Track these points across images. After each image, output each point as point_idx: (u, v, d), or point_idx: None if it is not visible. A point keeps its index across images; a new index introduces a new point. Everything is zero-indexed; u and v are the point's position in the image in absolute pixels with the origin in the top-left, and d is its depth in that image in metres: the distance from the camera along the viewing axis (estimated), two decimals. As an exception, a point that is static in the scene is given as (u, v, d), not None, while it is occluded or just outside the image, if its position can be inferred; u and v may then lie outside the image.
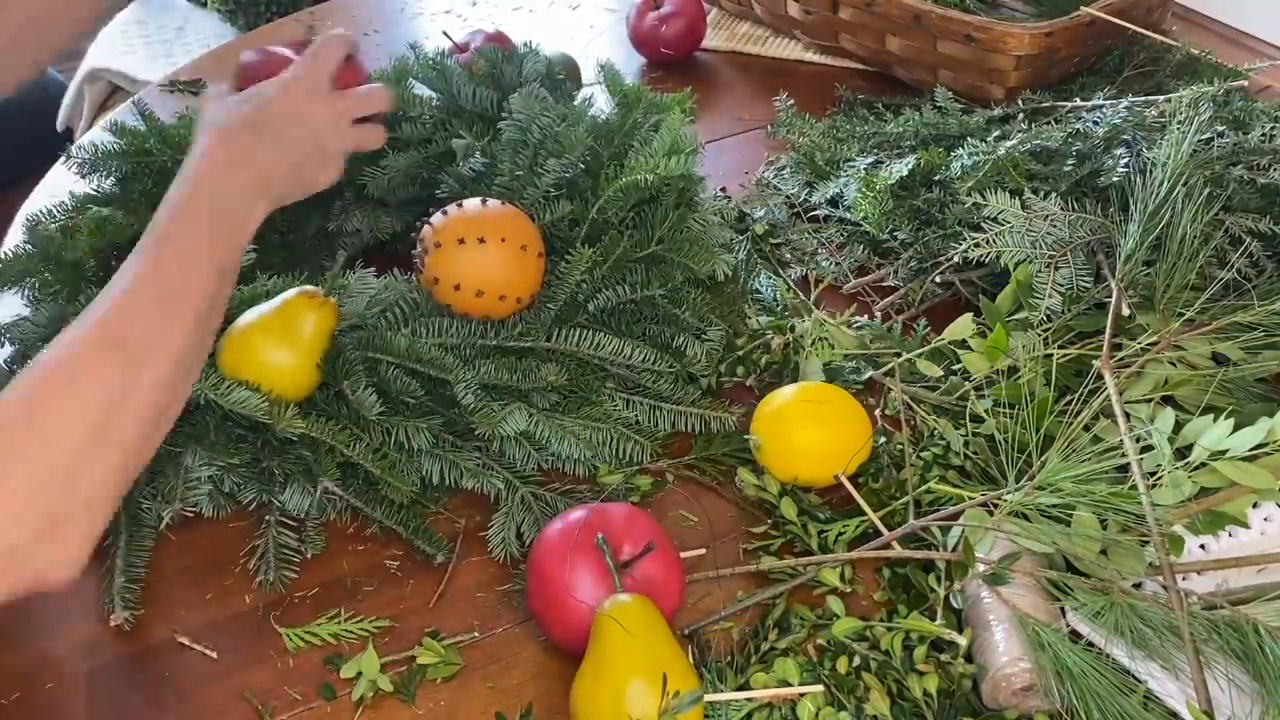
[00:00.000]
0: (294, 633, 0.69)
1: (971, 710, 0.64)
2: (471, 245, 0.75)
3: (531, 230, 0.79)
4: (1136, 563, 0.66)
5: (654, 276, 0.82)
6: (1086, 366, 0.77)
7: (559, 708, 0.65)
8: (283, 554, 0.73)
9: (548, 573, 0.65)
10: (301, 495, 0.73)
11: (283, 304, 0.75)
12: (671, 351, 0.82)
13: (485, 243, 0.76)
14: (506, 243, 0.76)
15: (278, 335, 0.74)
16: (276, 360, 0.73)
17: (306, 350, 0.74)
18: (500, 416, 0.74)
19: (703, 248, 0.84)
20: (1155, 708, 0.61)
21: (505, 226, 0.77)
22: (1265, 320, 0.77)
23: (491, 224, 0.77)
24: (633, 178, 0.82)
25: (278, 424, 0.71)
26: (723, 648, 0.68)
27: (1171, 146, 0.85)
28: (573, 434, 0.76)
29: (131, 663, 0.68)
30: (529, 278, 0.78)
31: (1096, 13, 1.11)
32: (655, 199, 0.85)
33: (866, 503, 0.73)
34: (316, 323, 0.75)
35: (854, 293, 0.96)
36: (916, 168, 0.96)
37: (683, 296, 0.84)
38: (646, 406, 0.80)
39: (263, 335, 0.74)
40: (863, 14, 1.22)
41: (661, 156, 0.83)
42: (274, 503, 0.74)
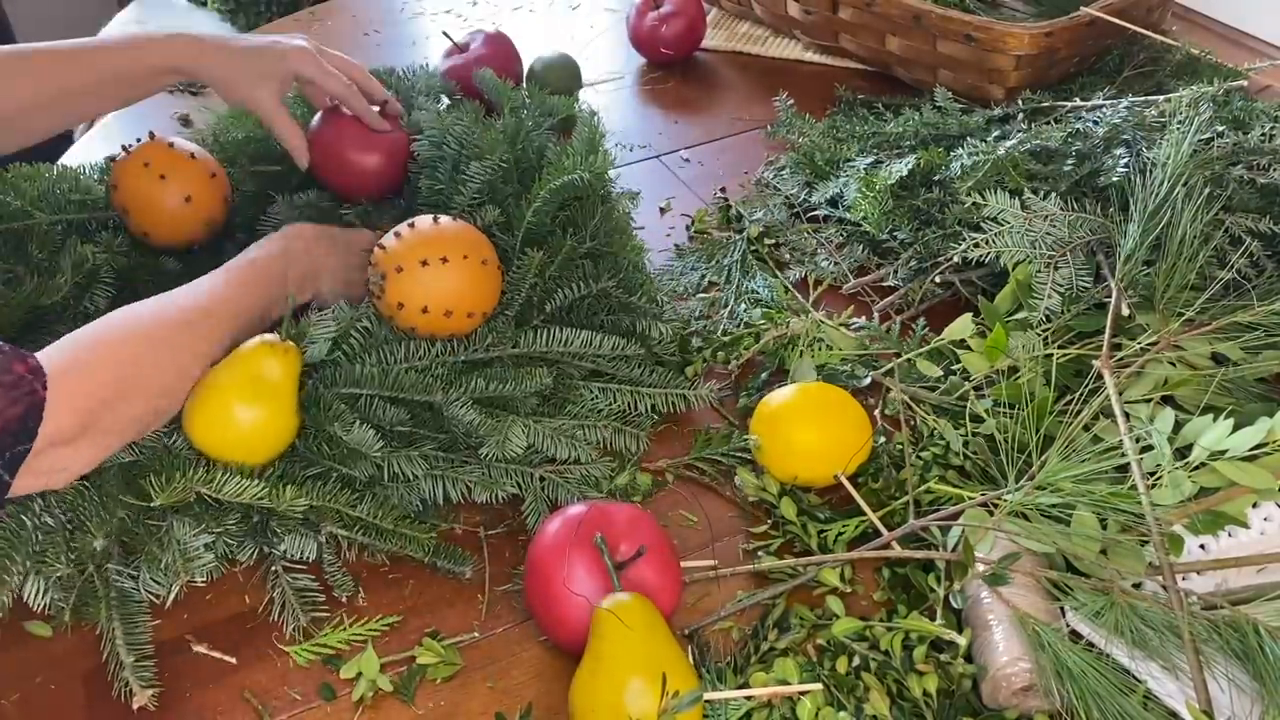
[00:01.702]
0: (301, 650, 0.68)
1: (971, 710, 0.64)
2: (434, 265, 0.74)
3: (485, 243, 0.79)
4: (1136, 563, 0.66)
5: (602, 269, 0.83)
6: (1086, 366, 0.77)
7: (559, 708, 0.65)
8: (304, 596, 0.70)
9: (546, 571, 0.65)
10: (303, 542, 0.71)
11: (244, 359, 0.71)
12: (636, 336, 0.82)
13: (448, 261, 0.75)
14: (468, 259, 0.76)
15: (249, 393, 0.70)
16: (254, 419, 0.70)
17: (282, 401, 0.71)
18: (504, 432, 0.73)
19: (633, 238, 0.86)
20: (1155, 708, 0.61)
21: (463, 243, 0.76)
22: (1265, 320, 0.77)
23: (450, 242, 0.76)
24: (568, 177, 0.82)
25: (280, 506, 0.69)
26: (723, 648, 0.68)
27: (1171, 146, 0.85)
28: (568, 436, 0.76)
29: (131, 663, 0.68)
30: (491, 290, 0.78)
31: (1096, 13, 1.11)
32: (580, 197, 0.86)
33: (866, 503, 0.73)
34: (284, 370, 0.71)
35: (854, 293, 0.96)
36: (916, 168, 0.96)
37: (634, 283, 0.84)
38: (627, 393, 0.80)
39: (233, 396, 0.70)
40: (863, 14, 1.22)
41: (587, 154, 0.84)
42: (274, 553, 0.71)
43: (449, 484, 0.74)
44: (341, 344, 0.77)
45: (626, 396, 0.80)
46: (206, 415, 0.70)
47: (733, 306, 0.94)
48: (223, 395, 0.70)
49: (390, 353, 0.76)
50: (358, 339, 0.77)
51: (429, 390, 0.74)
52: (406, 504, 0.74)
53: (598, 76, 1.33)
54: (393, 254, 0.75)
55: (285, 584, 0.70)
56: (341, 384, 0.75)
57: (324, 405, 0.73)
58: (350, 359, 0.76)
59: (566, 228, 0.85)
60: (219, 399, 0.70)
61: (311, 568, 0.71)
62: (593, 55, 1.37)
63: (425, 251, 0.75)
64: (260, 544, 0.71)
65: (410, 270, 0.75)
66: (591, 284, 0.82)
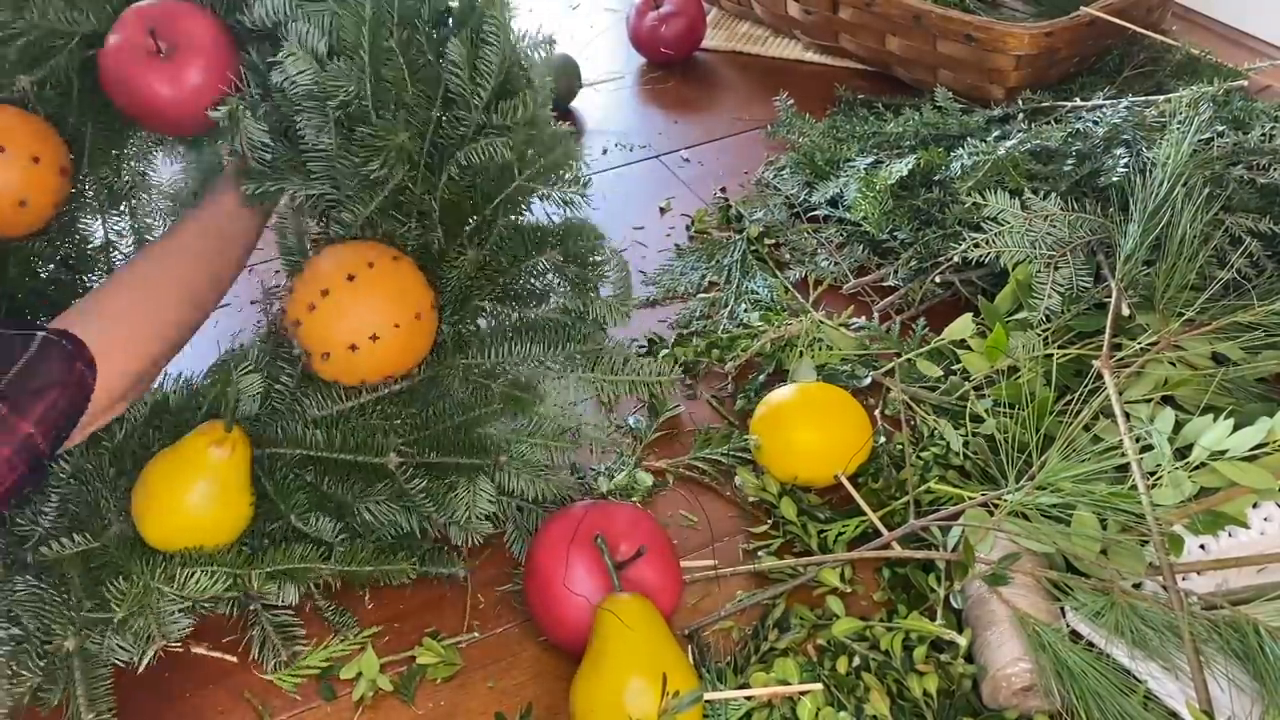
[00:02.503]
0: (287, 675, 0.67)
1: (971, 710, 0.64)
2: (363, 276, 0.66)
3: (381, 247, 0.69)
4: (1136, 563, 0.66)
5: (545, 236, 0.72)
6: (1086, 366, 0.77)
7: (559, 708, 0.65)
8: (284, 631, 0.68)
9: (546, 571, 0.65)
10: (284, 590, 0.68)
11: (189, 455, 0.66)
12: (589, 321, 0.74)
13: (373, 266, 0.66)
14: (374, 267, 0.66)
15: (203, 493, 0.65)
16: (211, 518, 0.66)
17: (236, 494, 0.67)
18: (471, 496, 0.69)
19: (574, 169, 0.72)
20: (1155, 708, 0.61)
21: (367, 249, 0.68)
22: (1265, 320, 0.77)
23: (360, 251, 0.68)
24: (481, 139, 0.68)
25: (252, 590, 0.67)
26: (723, 648, 0.68)
27: (1171, 146, 0.85)
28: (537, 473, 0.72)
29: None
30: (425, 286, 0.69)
31: (1096, 13, 1.11)
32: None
33: (866, 503, 0.73)
34: (236, 461, 0.66)
35: (854, 293, 0.96)
36: (916, 168, 0.96)
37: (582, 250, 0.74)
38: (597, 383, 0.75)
39: (186, 496, 0.65)
40: (863, 14, 1.22)
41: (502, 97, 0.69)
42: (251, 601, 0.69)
43: (424, 522, 0.71)
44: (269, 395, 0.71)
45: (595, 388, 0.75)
46: (156, 516, 0.66)
47: (733, 307, 0.94)
48: (170, 496, 0.66)
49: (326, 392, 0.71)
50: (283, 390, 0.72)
51: (380, 450, 0.69)
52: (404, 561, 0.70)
53: (598, 76, 1.33)
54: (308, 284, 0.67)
55: (265, 620, 0.68)
56: (285, 444, 0.70)
57: (281, 489, 0.69)
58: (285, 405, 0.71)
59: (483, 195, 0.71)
60: (166, 499, 0.66)
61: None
62: (593, 55, 1.37)
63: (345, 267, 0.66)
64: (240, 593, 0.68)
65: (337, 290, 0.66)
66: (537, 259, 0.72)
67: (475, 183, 0.71)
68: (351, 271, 0.66)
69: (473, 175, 0.70)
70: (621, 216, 0.83)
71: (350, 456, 0.69)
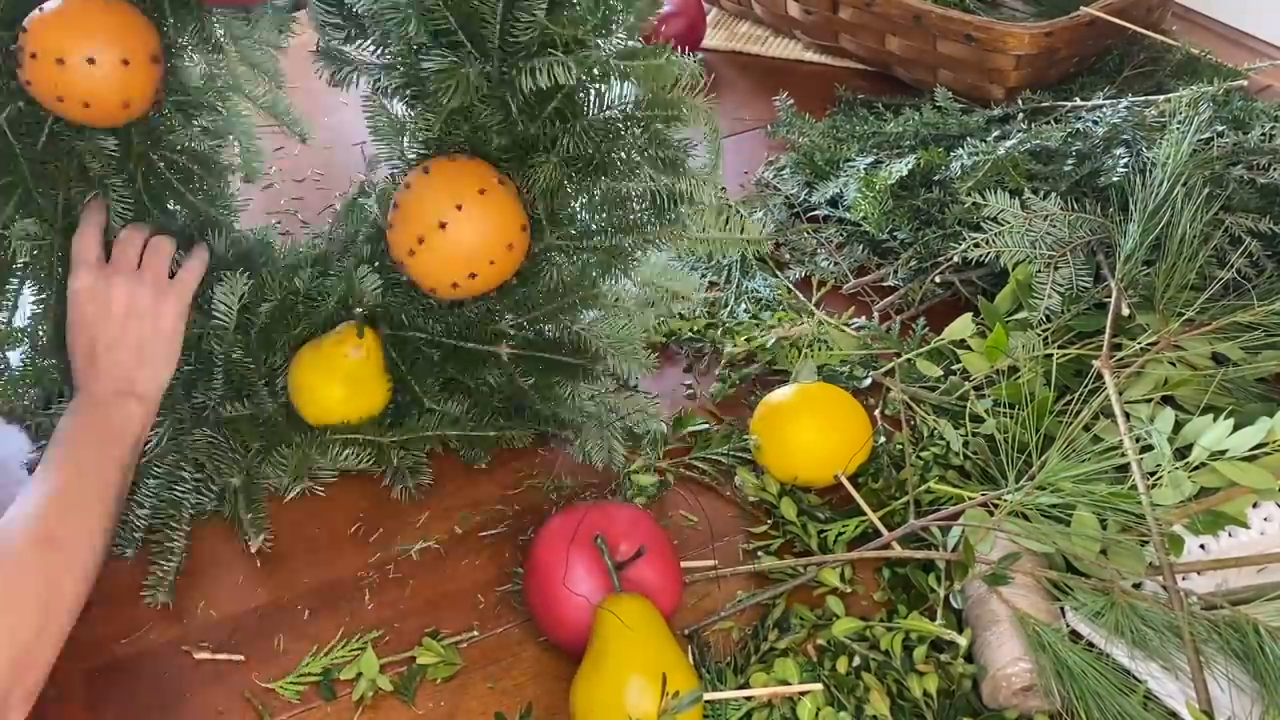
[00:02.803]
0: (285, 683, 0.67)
1: (971, 710, 0.64)
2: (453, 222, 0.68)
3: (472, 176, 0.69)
4: (1136, 563, 0.66)
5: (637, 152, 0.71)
6: (1086, 366, 0.77)
7: (559, 708, 0.65)
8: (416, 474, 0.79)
9: (547, 570, 0.65)
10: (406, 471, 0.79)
11: (329, 355, 0.77)
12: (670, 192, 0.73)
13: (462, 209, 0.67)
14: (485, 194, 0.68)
15: (344, 386, 0.77)
16: (354, 404, 0.77)
17: (373, 384, 0.78)
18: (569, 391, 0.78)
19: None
20: (1155, 708, 0.61)
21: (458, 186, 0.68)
22: (1265, 320, 0.77)
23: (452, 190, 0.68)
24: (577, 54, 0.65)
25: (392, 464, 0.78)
26: (723, 648, 0.68)
27: (1171, 146, 0.85)
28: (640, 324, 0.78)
29: (131, 663, 0.68)
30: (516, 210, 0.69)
31: (1096, 13, 1.11)
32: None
33: (866, 503, 0.73)
34: (370, 359, 0.77)
35: (854, 293, 0.96)
36: (916, 168, 0.96)
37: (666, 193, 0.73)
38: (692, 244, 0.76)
39: (330, 389, 0.77)
40: (863, 14, 1.22)
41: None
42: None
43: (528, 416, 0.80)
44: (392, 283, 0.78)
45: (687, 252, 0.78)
46: (308, 402, 0.77)
47: (733, 306, 0.94)
48: (319, 388, 0.77)
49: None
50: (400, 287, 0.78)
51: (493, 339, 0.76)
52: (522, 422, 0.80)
53: None
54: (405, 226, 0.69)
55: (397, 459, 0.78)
56: (410, 328, 0.78)
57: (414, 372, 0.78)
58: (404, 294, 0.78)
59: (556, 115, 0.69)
60: (316, 390, 0.77)
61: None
62: (593, 55, 1.37)
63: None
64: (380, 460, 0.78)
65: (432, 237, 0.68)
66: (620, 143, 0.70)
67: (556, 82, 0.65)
68: (442, 219, 0.67)
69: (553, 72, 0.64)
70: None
71: (467, 345, 0.77)
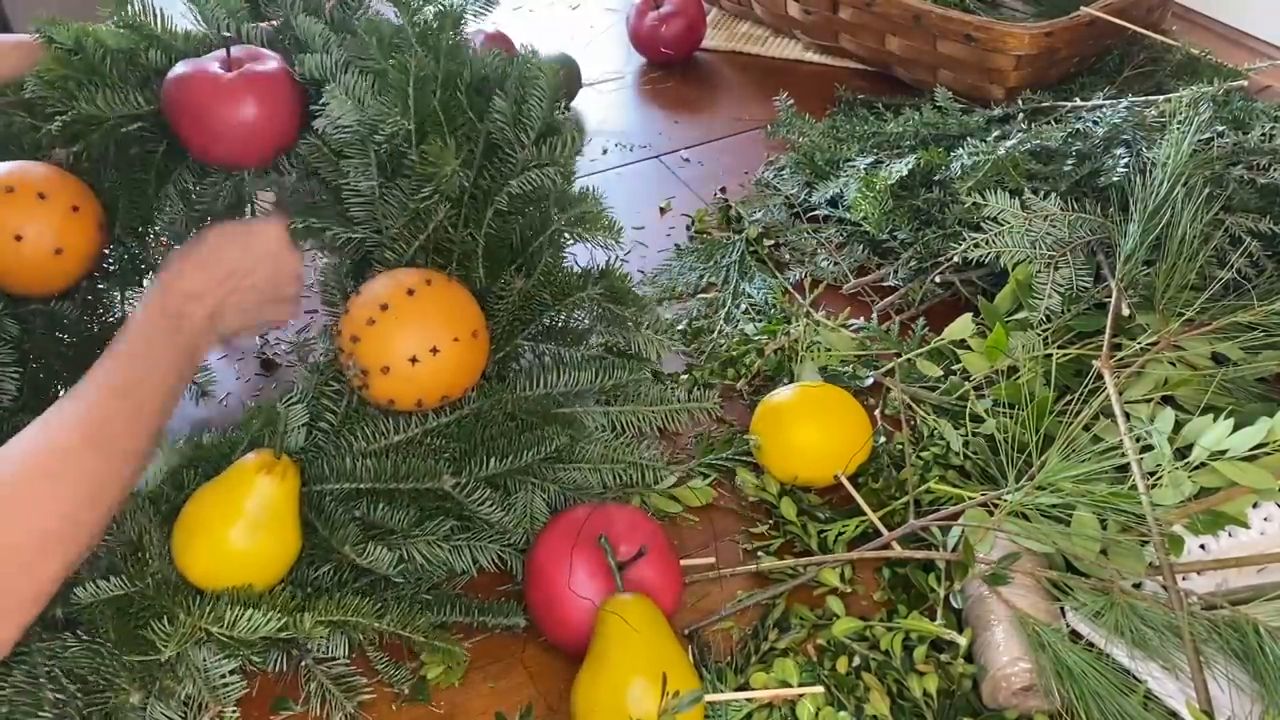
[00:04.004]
0: None
1: (971, 710, 0.64)
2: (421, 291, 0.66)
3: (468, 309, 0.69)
4: (1136, 563, 0.66)
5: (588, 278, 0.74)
6: (1086, 366, 0.77)
7: (559, 708, 0.65)
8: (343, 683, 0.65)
9: (549, 571, 0.65)
10: (333, 642, 0.66)
11: (235, 483, 0.64)
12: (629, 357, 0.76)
13: (431, 282, 0.67)
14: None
15: (251, 522, 0.63)
16: (260, 551, 0.64)
17: (286, 525, 0.65)
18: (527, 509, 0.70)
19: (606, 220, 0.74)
20: (1155, 708, 0.61)
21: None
22: (1265, 320, 0.77)
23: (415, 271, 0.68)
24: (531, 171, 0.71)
25: (302, 635, 0.63)
26: (723, 648, 0.68)
27: (1171, 146, 0.85)
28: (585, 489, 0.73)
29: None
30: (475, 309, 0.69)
31: (1096, 13, 1.11)
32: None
33: (866, 503, 0.73)
34: (283, 489, 0.64)
35: (853, 293, 0.96)
36: (916, 168, 0.96)
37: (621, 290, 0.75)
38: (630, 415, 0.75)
39: (232, 527, 0.63)
40: (863, 14, 1.22)
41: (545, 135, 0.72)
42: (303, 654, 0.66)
43: (476, 552, 0.69)
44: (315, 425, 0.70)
45: (631, 418, 0.75)
46: (202, 548, 0.63)
47: (730, 308, 0.94)
48: (216, 527, 0.63)
49: (374, 427, 0.69)
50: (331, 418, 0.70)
51: (435, 475, 0.67)
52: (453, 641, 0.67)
53: (598, 76, 1.33)
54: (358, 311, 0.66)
55: (320, 675, 0.65)
56: (334, 478, 0.68)
57: (330, 524, 0.67)
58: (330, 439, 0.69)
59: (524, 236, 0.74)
60: (214, 531, 0.63)
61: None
62: (593, 55, 1.37)
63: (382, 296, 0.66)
64: (287, 649, 0.66)
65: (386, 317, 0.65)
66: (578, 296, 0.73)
67: (518, 222, 0.73)
68: (411, 287, 0.66)
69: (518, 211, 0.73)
70: (621, 216, 0.82)
71: (402, 485, 0.68)
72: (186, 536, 0.63)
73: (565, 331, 0.76)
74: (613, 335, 0.77)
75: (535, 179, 0.72)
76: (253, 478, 0.63)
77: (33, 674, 0.61)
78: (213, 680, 0.62)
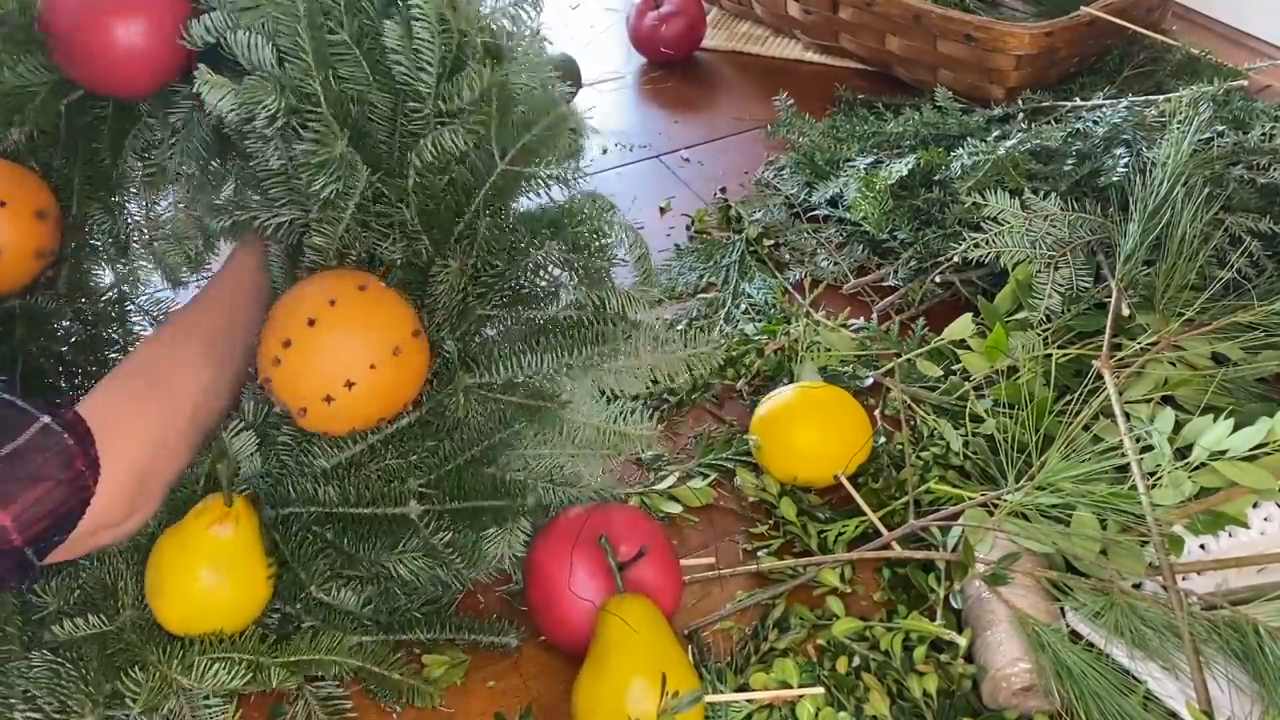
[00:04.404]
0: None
1: (971, 710, 0.64)
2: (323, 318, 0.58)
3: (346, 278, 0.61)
4: (1136, 563, 0.66)
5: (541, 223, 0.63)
6: (1086, 366, 0.77)
7: (559, 708, 0.65)
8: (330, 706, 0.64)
9: (548, 571, 0.65)
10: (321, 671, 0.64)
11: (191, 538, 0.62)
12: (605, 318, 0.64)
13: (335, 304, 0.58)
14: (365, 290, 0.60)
15: (212, 576, 0.61)
16: (225, 600, 0.62)
17: (248, 571, 0.62)
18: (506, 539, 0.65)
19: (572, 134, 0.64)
20: (1155, 708, 0.61)
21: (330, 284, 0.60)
22: (1265, 320, 0.77)
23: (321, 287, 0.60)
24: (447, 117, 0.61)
25: (270, 686, 0.61)
26: (723, 648, 0.68)
27: (1171, 146, 0.85)
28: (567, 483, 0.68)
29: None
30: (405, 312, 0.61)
31: (1096, 13, 1.11)
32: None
33: (866, 503, 0.73)
34: (242, 537, 0.62)
35: (853, 293, 0.96)
36: (916, 168, 0.96)
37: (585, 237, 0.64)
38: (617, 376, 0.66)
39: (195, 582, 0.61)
40: (863, 14, 1.22)
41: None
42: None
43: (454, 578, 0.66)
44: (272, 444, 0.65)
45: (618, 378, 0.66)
46: (171, 598, 0.62)
47: (730, 308, 0.94)
48: (181, 578, 0.61)
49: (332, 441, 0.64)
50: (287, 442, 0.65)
51: (400, 498, 0.63)
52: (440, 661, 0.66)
53: (598, 76, 1.33)
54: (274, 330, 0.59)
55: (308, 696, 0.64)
56: (297, 502, 0.64)
57: (299, 557, 0.64)
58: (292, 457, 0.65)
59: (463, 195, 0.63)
60: (178, 581, 0.61)
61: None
62: (593, 55, 1.37)
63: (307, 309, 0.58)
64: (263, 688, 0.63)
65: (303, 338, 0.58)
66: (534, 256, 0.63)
67: (450, 180, 0.62)
68: (311, 315, 0.57)
69: (441, 171, 0.61)
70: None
71: (368, 510, 0.63)
72: (156, 585, 0.62)
73: (530, 297, 0.65)
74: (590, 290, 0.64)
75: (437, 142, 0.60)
76: (205, 532, 0.61)
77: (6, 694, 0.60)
78: (195, 702, 0.61)
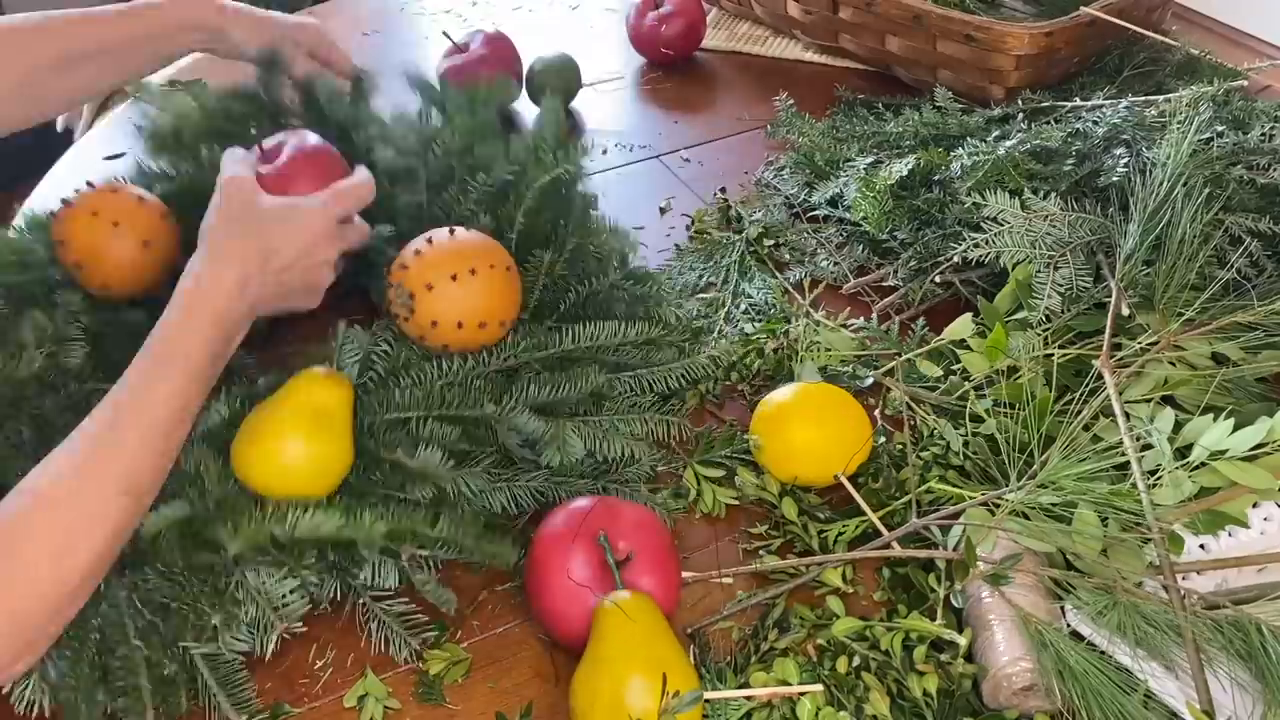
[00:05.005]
0: None
1: (972, 710, 0.64)
2: (464, 279, 0.73)
3: (504, 251, 0.77)
4: (1137, 562, 0.66)
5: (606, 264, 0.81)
6: (1086, 366, 0.77)
7: (559, 707, 0.65)
8: (406, 620, 0.67)
9: (549, 564, 0.65)
10: (384, 569, 0.67)
11: (295, 392, 0.68)
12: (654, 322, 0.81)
13: (476, 274, 0.73)
14: (494, 269, 0.74)
15: (307, 426, 0.66)
16: (314, 453, 0.66)
17: (339, 431, 0.68)
18: (561, 438, 0.71)
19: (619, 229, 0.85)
20: (1156, 707, 0.61)
21: (488, 254, 0.75)
22: (1265, 320, 0.77)
23: (476, 254, 0.75)
24: (552, 174, 0.81)
25: (361, 535, 0.65)
26: (723, 648, 0.68)
27: (1171, 146, 0.85)
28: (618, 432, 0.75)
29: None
30: (516, 296, 0.77)
31: (1096, 13, 1.11)
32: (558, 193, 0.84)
33: (866, 503, 0.73)
34: (339, 399, 0.68)
35: (853, 293, 0.96)
36: (916, 168, 0.96)
37: (639, 274, 0.84)
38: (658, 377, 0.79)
39: (290, 430, 0.66)
40: (863, 14, 1.22)
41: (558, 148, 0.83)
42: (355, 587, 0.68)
43: (518, 492, 0.72)
44: (367, 369, 0.74)
45: (658, 379, 0.79)
46: (263, 453, 0.66)
47: (730, 308, 0.94)
48: (279, 430, 0.66)
49: (421, 372, 0.74)
50: (380, 362, 0.75)
51: (479, 404, 0.71)
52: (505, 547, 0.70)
53: (598, 76, 1.33)
54: (419, 272, 0.73)
55: (378, 613, 0.67)
56: (384, 410, 0.72)
57: (377, 434, 0.70)
58: (380, 384, 0.74)
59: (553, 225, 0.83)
60: (275, 435, 0.66)
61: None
62: (593, 55, 1.37)
63: (453, 265, 0.73)
64: (342, 578, 0.67)
65: (441, 286, 0.73)
66: (601, 279, 0.80)
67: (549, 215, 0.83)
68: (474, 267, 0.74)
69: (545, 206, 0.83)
70: (621, 216, 0.84)
71: (446, 411, 0.71)
72: (246, 445, 0.66)
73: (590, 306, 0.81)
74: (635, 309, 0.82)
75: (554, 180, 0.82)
76: (309, 385, 0.68)
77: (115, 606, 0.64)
78: (274, 600, 0.64)
